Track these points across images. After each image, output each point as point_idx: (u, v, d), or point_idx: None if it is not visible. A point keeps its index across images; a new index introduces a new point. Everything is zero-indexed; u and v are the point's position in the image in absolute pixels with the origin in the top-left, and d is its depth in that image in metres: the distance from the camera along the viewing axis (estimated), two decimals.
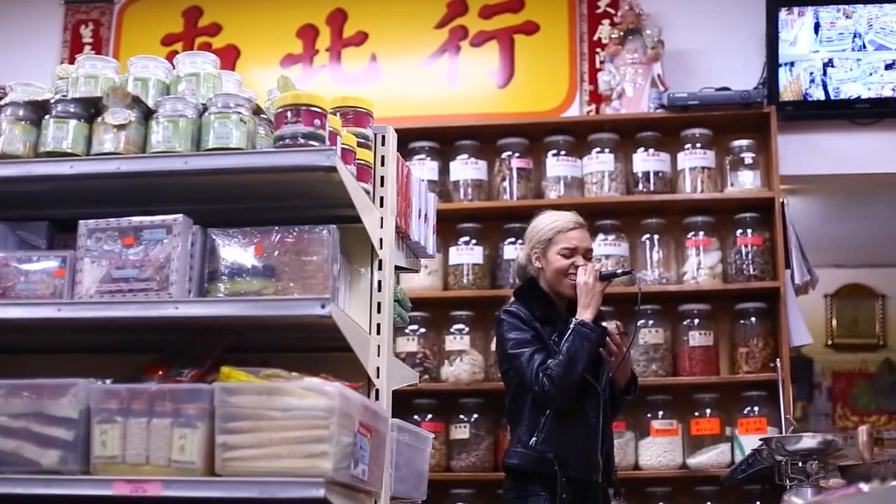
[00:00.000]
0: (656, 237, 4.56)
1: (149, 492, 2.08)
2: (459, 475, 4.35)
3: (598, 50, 4.92)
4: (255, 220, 2.36)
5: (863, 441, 3.22)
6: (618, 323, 3.39)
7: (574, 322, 3.19)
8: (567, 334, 3.17)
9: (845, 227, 6.74)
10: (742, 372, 4.37)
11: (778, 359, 3.98)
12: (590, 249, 3.39)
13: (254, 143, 2.42)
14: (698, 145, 4.57)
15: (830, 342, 8.20)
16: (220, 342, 2.36)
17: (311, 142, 2.30)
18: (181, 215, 2.31)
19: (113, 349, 2.60)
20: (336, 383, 2.11)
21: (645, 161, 4.57)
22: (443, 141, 4.75)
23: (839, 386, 8.17)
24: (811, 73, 4.71)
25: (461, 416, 4.41)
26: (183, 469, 2.09)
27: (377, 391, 2.51)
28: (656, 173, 4.56)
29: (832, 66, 4.71)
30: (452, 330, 4.50)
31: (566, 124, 4.75)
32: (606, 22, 4.95)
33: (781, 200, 4.46)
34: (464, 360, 4.45)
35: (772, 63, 4.70)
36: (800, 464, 3.09)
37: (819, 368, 8.14)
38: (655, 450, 4.28)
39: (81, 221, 2.36)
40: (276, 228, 2.32)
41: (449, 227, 4.50)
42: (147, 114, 2.45)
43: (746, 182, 4.53)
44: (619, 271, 3.43)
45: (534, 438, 3.19)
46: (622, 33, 4.79)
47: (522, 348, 3.21)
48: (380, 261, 2.62)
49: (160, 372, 2.31)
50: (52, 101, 2.50)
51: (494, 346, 3.56)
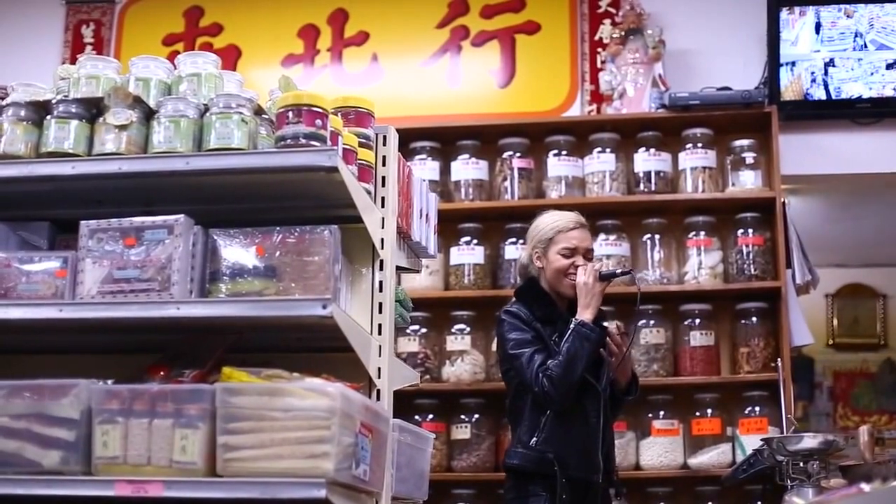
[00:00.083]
0: (657, 237, 4.56)
1: (150, 492, 2.08)
2: (460, 475, 4.34)
3: (600, 50, 4.92)
4: (257, 221, 2.36)
5: (864, 441, 3.22)
6: (618, 323, 3.39)
7: (574, 322, 3.19)
8: (567, 335, 3.17)
9: (846, 227, 6.73)
10: (743, 372, 4.37)
11: (779, 359, 3.98)
12: (591, 249, 3.38)
13: (255, 144, 2.42)
14: (699, 145, 4.57)
15: (831, 342, 8.20)
16: (222, 343, 2.36)
17: (313, 142, 2.30)
18: (183, 216, 2.31)
19: (114, 350, 2.60)
20: (337, 384, 2.11)
21: (646, 161, 4.57)
22: (444, 141, 4.75)
23: (840, 386, 8.17)
24: (812, 73, 4.71)
25: (462, 417, 4.41)
26: (184, 470, 2.09)
27: (378, 391, 2.51)
28: (657, 173, 4.56)
29: (833, 66, 4.71)
30: (453, 330, 4.49)
31: (567, 124, 4.75)
32: (607, 22, 4.95)
33: (782, 200, 4.46)
34: (465, 361, 4.44)
35: (773, 63, 4.69)
36: (801, 464, 3.09)
37: (820, 368, 8.13)
38: (656, 450, 4.28)
39: (83, 222, 2.36)
40: (278, 229, 2.32)
41: (450, 227, 4.50)
42: (148, 114, 2.45)
43: (747, 182, 4.52)
44: (619, 271, 3.42)
45: (534, 438, 3.19)
46: (623, 33, 4.79)
47: (523, 348, 3.21)
48: (381, 261, 2.62)
49: (161, 372, 2.31)
50: (54, 102, 2.50)
51: (495, 347, 3.56)
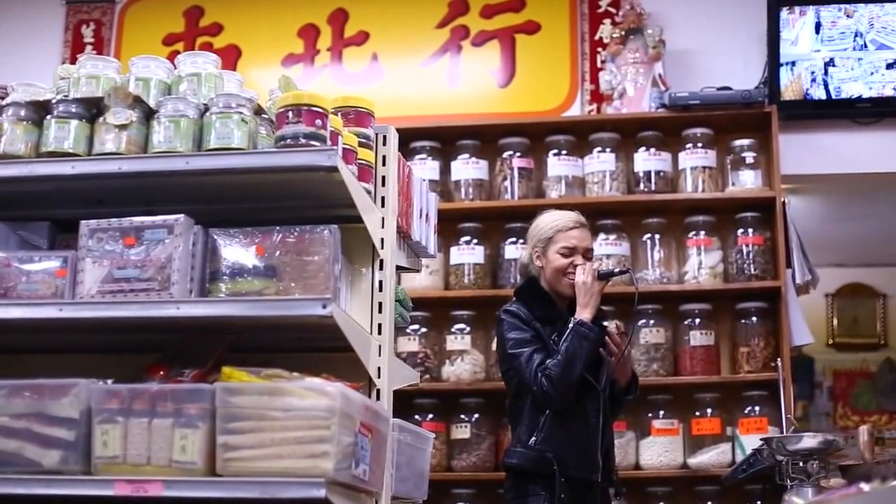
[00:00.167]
0: (657, 237, 4.56)
1: (150, 492, 2.08)
2: (460, 475, 4.34)
3: (600, 49, 4.92)
4: (257, 220, 2.36)
5: (863, 441, 3.22)
6: (618, 323, 3.39)
7: (573, 322, 3.19)
8: (566, 334, 3.17)
9: (846, 227, 6.73)
10: (743, 371, 4.37)
11: (779, 358, 3.98)
12: (590, 249, 3.38)
13: (255, 144, 2.42)
14: (699, 145, 4.57)
15: (831, 342, 8.20)
16: (222, 342, 2.36)
17: (313, 142, 2.30)
18: (182, 215, 2.31)
19: (114, 349, 2.60)
20: (337, 383, 2.11)
21: (646, 160, 4.57)
22: (444, 141, 4.75)
23: (840, 385, 8.17)
24: (812, 73, 4.71)
25: (462, 416, 4.41)
26: (184, 469, 2.09)
27: (378, 391, 2.51)
28: (657, 173, 4.56)
29: (833, 66, 4.71)
30: (453, 330, 4.49)
31: (567, 124, 4.75)
32: (608, 21, 4.95)
33: (782, 200, 4.46)
34: (465, 360, 4.44)
35: (773, 62, 4.69)
36: (800, 463, 3.09)
37: (820, 368, 8.13)
38: (656, 449, 4.28)
39: (83, 221, 2.36)
40: (278, 228, 2.32)
41: (450, 227, 4.50)
42: (148, 114, 2.45)
43: (747, 181, 4.52)
44: (617, 270, 3.42)
45: (533, 438, 3.19)
46: (623, 33, 4.79)
47: (522, 348, 3.21)
48: (381, 261, 2.62)
49: (161, 372, 2.31)
50: (54, 102, 2.50)
51: (495, 346, 3.56)
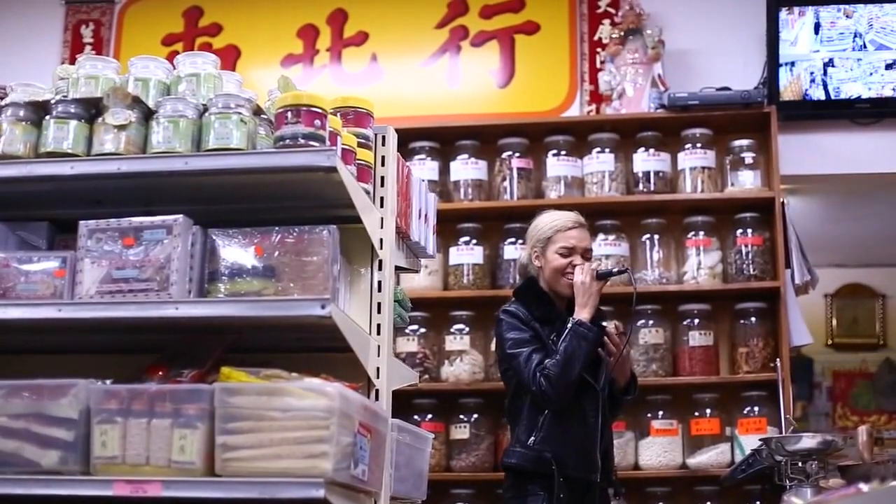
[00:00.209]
0: (656, 237, 4.56)
1: (149, 492, 2.08)
2: (459, 475, 4.35)
3: (599, 50, 4.92)
4: (256, 221, 2.36)
5: (862, 441, 3.22)
6: (617, 323, 3.39)
7: (571, 322, 3.19)
8: (564, 334, 3.17)
9: (845, 227, 6.74)
10: (742, 372, 4.37)
11: (778, 359, 3.98)
12: (589, 249, 3.38)
13: (254, 144, 2.42)
14: (698, 145, 4.57)
15: (830, 342, 8.20)
16: (220, 342, 2.36)
17: (312, 142, 2.30)
18: (181, 216, 2.31)
19: (113, 349, 2.60)
20: (336, 384, 2.11)
21: (645, 161, 4.57)
22: (443, 141, 4.75)
23: (839, 386, 8.17)
24: (811, 73, 4.71)
25: (461, 416, 4.41)
26: (183, 469, 2.09)
27: (377, 391, 2.51)
28: (656, 173, 4.56)
29: (832, 66, 4.71)
30: (452, 330, 4.50)
31: (566, 124, 4.75)
32: (607, 22, 4.95)
33: (782, 200, 4.46)
34: (464, 361, 4.45)
35: (772, 63, 4.70)
36: (799, 464, 3.09)
37: (819, 368, 8.14)
38: (655, 450, 4.28)
39: (82, 222, 2.36)
40: (277, 229, 2.32)
41: (449, 227, 4.50)
42: (147, 114, 2.45)
43: (747, 182, 4.53)
44: (615, 270, 3.42)
45: (532, 438, 3.19)
46: (623, 33, 4.79)
47: (520, 348, 3.21)
48: (380, 261, 2.62)
49: (160, 372, 2.31)
50: (53, 102, 2.50)
51: (494, 347, 3.56)
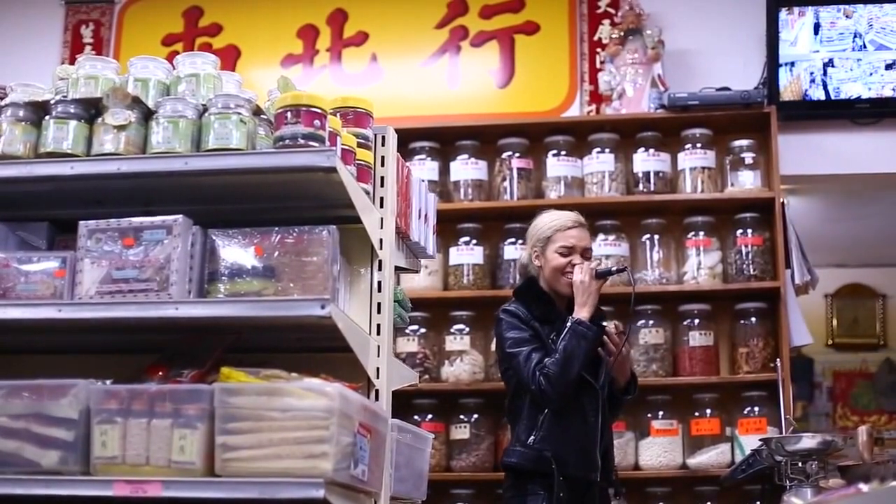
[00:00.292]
0: (656, 237, 4.56)
1: (149, 492, 2.08)
2: (459, 475, 4.35)
3: (599, 50, 4.92)
4: (255, 221, 2.36)
5: (862, 441, 3.22)
6: (616, 322, 3.39)
7: (570, 321, 3.19)
8: (563, 333, 3.17)
9: (845, 227, 6.74)
10: (742, 372, 4.37)
11: (778, 359, 3.98)
12: (589, 249, 3.39)
13: (254, 144, 2.42)
14: (698, 145, 4.57)
15: (831, 342, 8.20)
16: (220, 343, 2.36)
17: (311, 142, 2.30)
18: (181, 216, 2.31)
19: (113, 350, 2.60)
20: (336, 384, 2.11)
21: (645, 161, 4.57)
22: (443, 141, 4.75)
23: (839, 386, 8.17)
24: (811, 73, 4.71)
25: (461, 417, 4.41)
26: (183, 469, 2.09)
27: (377, 391, 2.51)
28: (656, 173, 4.56)
29: (832, 66, 4.71)
30: (452, 330, 4.50)
31: (566, 124, 4.75)
32: (607, 22, 4.95)
33: (782, 200, 4.46)
34: (464, 361, 4.45)
35: (772, 63, 4.70)
36: (799, 464, 3.09)
37: (819, 368, 8.14)
38: (655, 450, 4.28)
39: (81, 222, 2.36)
40: (276, 229, 2.31)
41: (449, 228, 4.50)
42: (147, 114, 2.45)
43: (747, 182, 4.53)
44: (614, 269, 3.42)
45: (532, 437, 3.19)
46: (622, 33, 4.79)
47: (520, 347, 3.21)
48: (380, 261, 2.62)
49: (160, 372, 2.31)
50: (53, 102, 2.50)
51: (494, 346, 3.56)
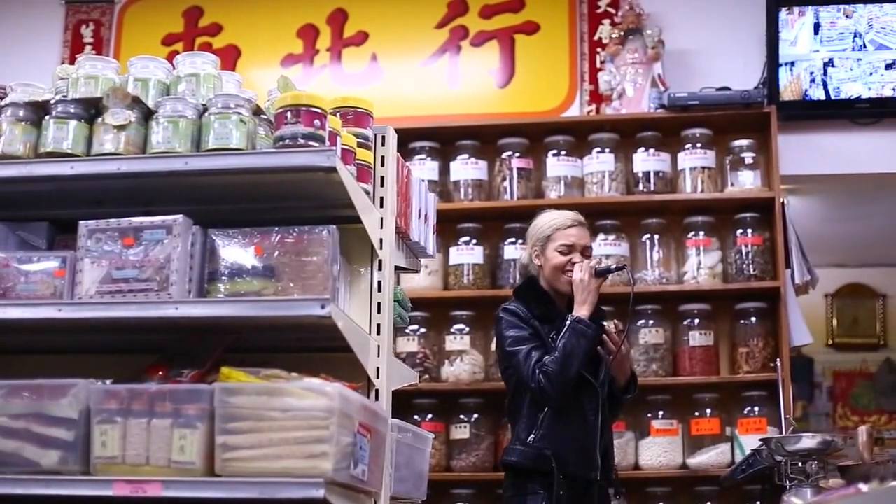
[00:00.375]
0: (656, 237, 4.56)
1: (149, 492, 2.08)
2: (459, 475, 4.35)
3: (599, 50, 4.92)
4: (256, 221, 2.36)
5: (862, 441, 3.22)
6: (616, 322, 3.39)
7: (570, 319, 3.19)
8: (563, 331, 3.17)
9: (845, 227, 6.74)
10: (742, 372, 4.37)
11: (778, 359, 3.98)
12: (588, 247, 3.39)
13: (254, 144, 2.42)
14: (698, 145, 4.57)
15: (831, 342, 8.20)
16: (220, 343, 2.36)
17: (311, 142, 2.30)
18: (181, 216, 2.31)
19: (113, 350, 2.60)
20: (336, 384, 2.11)
21: (645, 161, 4.57)
22: (443, 141, 4.75)
23: (839, 386, 8.17)
24: (811, 73, 4.71)
25: (461, 416, 4.41)
26: (183, 469, 2.09)
27: (377, 391, 2.51)
28: (656, 173, 4.56)
29: (832, 66, 4.71)
30: (452, 330, 4.50)
31: (566, 124, 4.75)
32: (607, 22, 4.95)
33: (782, 200, 4.46)
34: (464, 360, 4.45)
35: (772, 63, 4.70)
36: (799, 464, 3.09)
37: (819, 368, 8.14)
38: (655, 450, 4.28)
39: (81, 222, 2.36)
40: (276, 229, 2.31)
41: (449, 227, 4.50)
42: (147, 114, 2.45)
43: (747, 182, 4.53)
44: (614, 267, 3.43)
45: (532, 436, 3.19)
46: (622, 33, 4.79)
47: (520, 346, 3.22)
48: (380, 261, 2.62)
49: (160, 372, 2.31)
50: (53, 102, 2.50)
51: (494, 346, 3.56)
